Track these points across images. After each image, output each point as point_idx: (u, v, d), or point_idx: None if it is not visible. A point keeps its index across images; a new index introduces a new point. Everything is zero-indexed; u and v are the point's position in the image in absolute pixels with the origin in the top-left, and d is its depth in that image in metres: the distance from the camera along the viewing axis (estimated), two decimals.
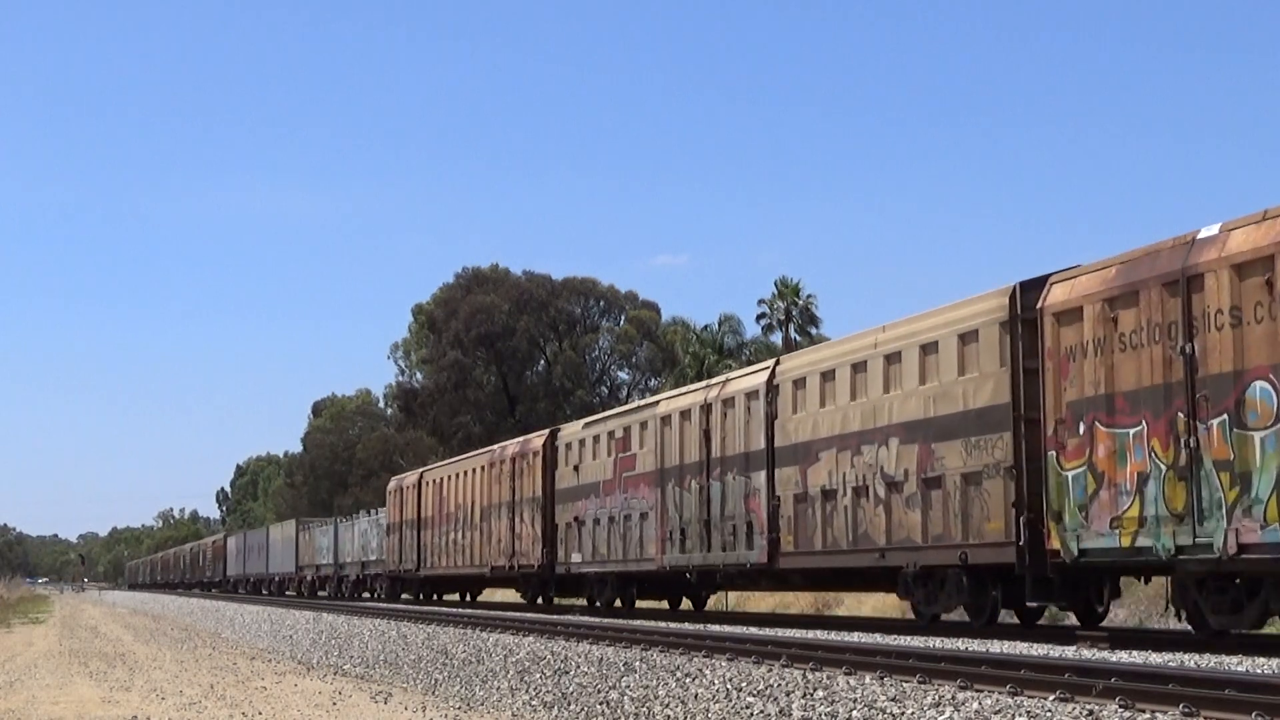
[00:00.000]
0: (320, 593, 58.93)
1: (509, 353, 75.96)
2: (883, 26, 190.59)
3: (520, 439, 35.30)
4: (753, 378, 23.23)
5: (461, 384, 75.65)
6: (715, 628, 20.66)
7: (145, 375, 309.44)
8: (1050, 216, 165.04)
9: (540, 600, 33.87)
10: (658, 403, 27.22)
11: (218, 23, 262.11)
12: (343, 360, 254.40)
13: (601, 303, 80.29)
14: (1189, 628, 16.09)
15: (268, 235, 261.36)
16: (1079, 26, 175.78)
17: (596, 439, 29.29)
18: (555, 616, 26.55)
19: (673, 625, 21.71)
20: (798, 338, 66.54)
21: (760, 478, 22.24)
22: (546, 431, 33.03)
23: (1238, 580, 14.35)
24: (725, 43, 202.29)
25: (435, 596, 45.39)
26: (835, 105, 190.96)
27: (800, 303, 65.05)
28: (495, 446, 37.34)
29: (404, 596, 46.68)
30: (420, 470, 43.72)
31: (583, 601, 31.49)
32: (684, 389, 27.97)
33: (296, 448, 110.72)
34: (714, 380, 25.77)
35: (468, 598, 44.67)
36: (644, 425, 27.00)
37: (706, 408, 24.30)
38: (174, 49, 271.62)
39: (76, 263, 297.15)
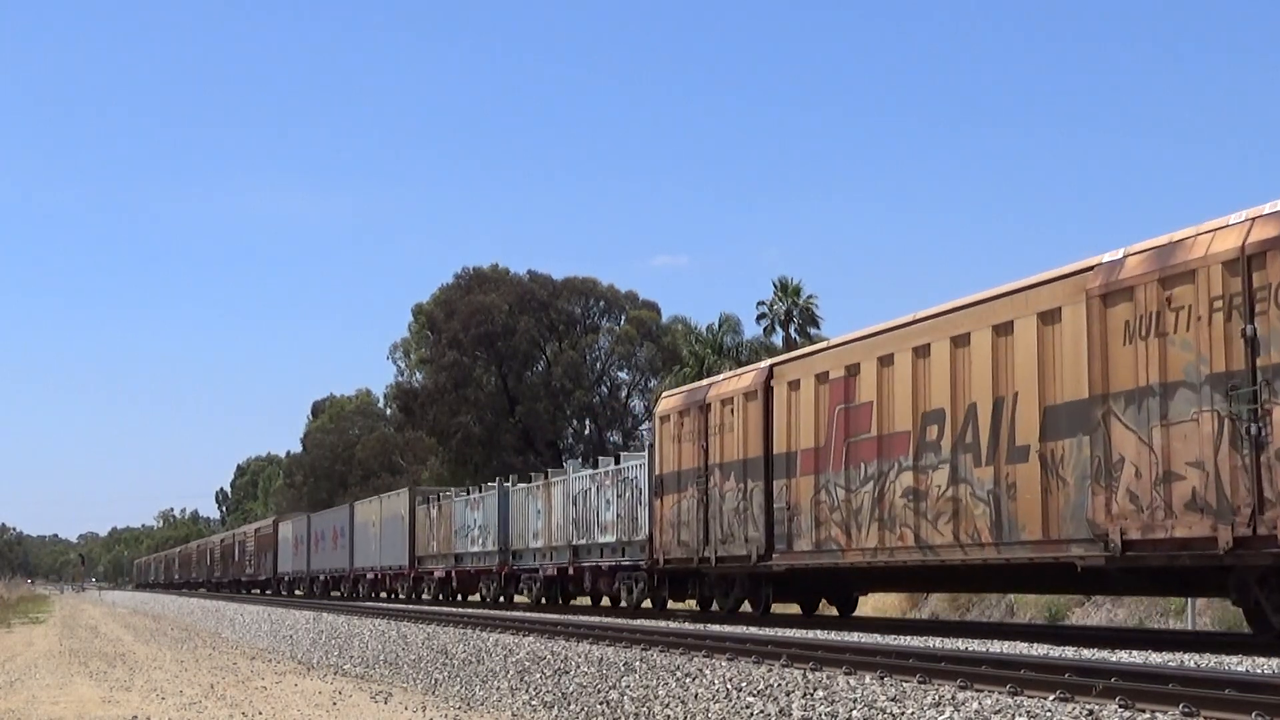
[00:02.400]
0: (458, 598, 40.66)
1: (509, 353, 75.89)
2: (882, 27, 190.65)
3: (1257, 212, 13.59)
4: None
5: (461, 384, 75.56)
6: (715, 628, 20.64)
7: (145, 375, 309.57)
8: (1050, 216, 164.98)
9: None
10: None
11: (218, 23, 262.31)
12: (343, 360, 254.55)
13: (602, 303, 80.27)
14: (1187, 627, 16.10)
15: (268, 235, 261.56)
16: (1079, 27, 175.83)
17: None
18: (555, 616, 26.41)
19: (673, 625, 21.68)
20: (798, 338, 66.56)
21: None
22: None
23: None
24: (725, 43, 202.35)
25: (757, 605, 23.86)
26: (835, 105, 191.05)
27: (800, 303, 65.04)
28: (1102, 259, 15.30)
29: (670, 603, 27.41)
30: (768, 364, 22.85)
31: None
32: None
33: (296, 448, 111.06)
34: None
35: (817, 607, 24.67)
36: None
37: None
38: (174, 49, 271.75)
39: (77, 263, 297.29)
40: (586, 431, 78.67)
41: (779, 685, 11.81)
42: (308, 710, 13.72)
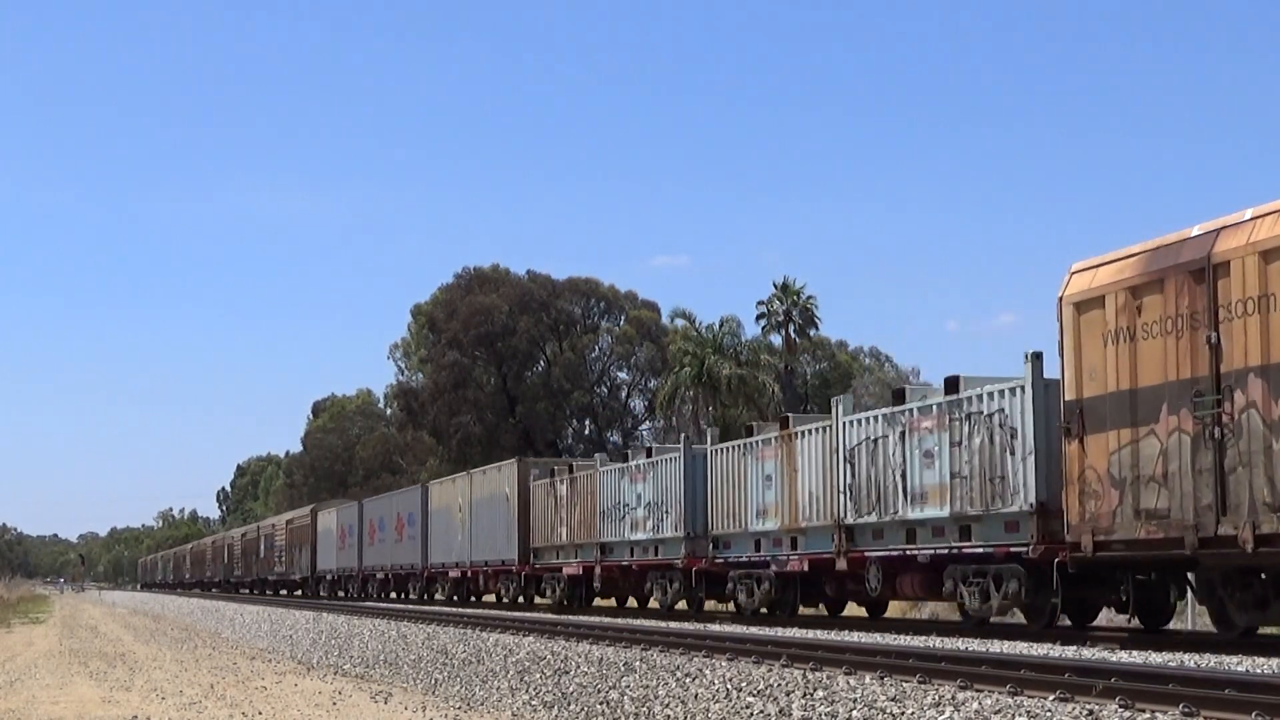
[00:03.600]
0: (586, 601, 31.68)
1: (509, 353, 75.95)
2: (882, 27, 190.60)
3: None
4: None
5: (461, 384, 75.60)
6: (715, 628, 20.65)
7: (145, 375, 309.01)
8: (1050, 216, 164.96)
9: None
10: None
11: (218, 23, 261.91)
12: (343, 360, 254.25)
13: (602, 303, 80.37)
14: (1187, 627, 16.09)
15: (268, 236, 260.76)
16: (1079, 27, 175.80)
17: None
18: (555, 616, 26.43)
19: (673, 625, 21.70)
20: (798, 338, 66.53)
21: None
22: None
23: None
24: (725, 43, 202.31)
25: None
26: (835, 106, 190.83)
27: (800, 303, 65.05)
28: None
29: (1062, 617, 18.33)
30: None
31: None
32: None
33: (296, 448, 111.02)
34: None
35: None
36: None
37: None
38: (174, 49, 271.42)
39: (76, 263, 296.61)
40: (586, 431, 78.74)
41: (779, 685, 11.81)
42: (308, 710, 13.73)
